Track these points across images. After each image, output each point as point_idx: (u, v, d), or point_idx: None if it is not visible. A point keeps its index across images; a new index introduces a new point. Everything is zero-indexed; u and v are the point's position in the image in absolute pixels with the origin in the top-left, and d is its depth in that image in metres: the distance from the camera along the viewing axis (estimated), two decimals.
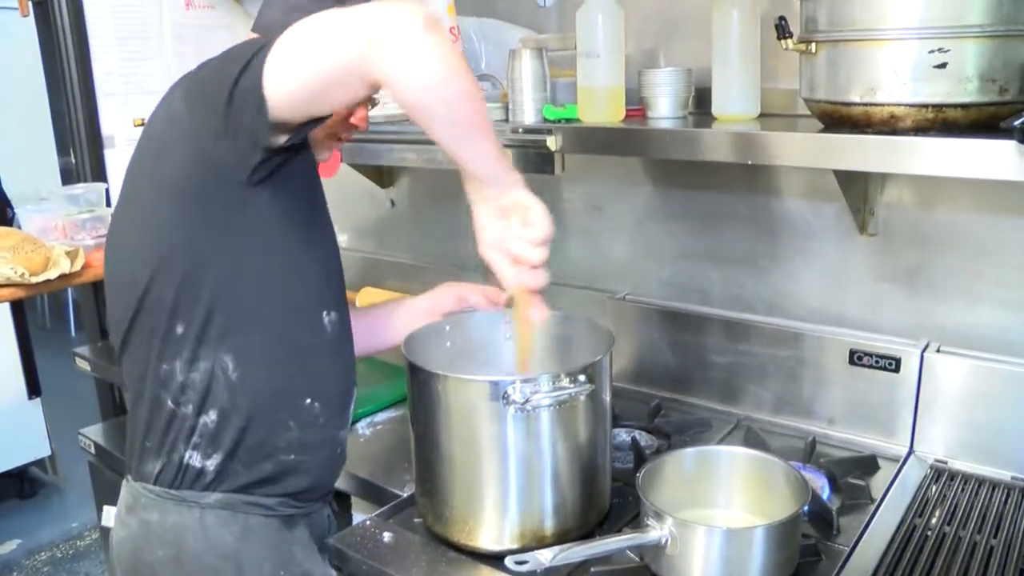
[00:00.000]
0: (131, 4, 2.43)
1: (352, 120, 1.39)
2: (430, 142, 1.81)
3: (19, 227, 2.29)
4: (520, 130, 1.67)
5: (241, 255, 1.23)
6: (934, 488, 1.47)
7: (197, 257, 1.22)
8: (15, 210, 3.80)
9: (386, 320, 1.62)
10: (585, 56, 1.60)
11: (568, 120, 1.65)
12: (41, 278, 1.95)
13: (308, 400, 1.32)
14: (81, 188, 2.28)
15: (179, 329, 1.23)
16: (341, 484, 1.69)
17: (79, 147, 2.44)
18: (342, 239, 2.66)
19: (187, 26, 2.54)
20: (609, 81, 1.60)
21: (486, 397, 1.27)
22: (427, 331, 1.49)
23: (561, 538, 1.31)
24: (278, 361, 1.28)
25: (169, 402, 1.26)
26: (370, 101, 1.39)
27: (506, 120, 1.74)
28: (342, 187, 2.43)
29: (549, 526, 1.33)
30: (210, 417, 1.26)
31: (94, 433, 2.30)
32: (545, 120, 1.67)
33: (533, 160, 1.66)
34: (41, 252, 1.97)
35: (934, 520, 1.38)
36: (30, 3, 2.47)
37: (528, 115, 1.69)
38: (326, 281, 1.34)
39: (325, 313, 1.33)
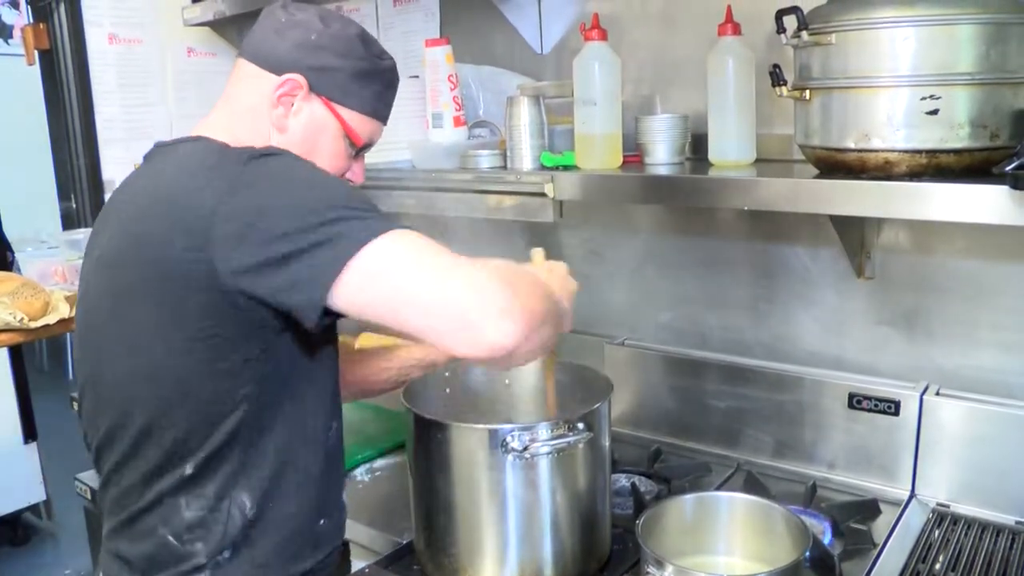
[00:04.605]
0: (135, 52, 2.46)
1: (347, 175, 1.35)
2: (430, 188, 1.85)
3: (19, 271, 2.29)
4: (518, 177, 1.67)
5: (264, 395, 1.15)
6: (937, 532, 1.46)
7: (212, 404, 1.13)
8: (15, 254, 3.81)
9: (381, 364, 1.57)
10: (582, 103, 1.61)
11: (566, 167, 1.65)
12: (40, 323, 1.95)
13: (322, 521, 1.27)
14: (82, 233, 2.29)
15: (188, 470, 1.15)
16: None
17: (80, 191, 2.46)
18: None
19: (189, 72, 2.57)
20: (606, 128, 1.61)
21: (485, 445, 1.27)
22: (426, 379, 1.49)
23: None
24: (296, 488, 1.21)
25: (170, 538, 1.17)
26: (364, 155, 1.36)
27: (504, 167, 1.75)
28: None
29: (549, 574, 1.32)
30: (223, 556, 1.17)
31: (90, 478, 2.28)
32: (543, 167, 1.67)
33: (531, 207, 1.66)
34: (40, 297, 1.97)
35: (938, 566, 1.37)
36: (36, 52, 2.51)
37: (526, 162, 1.69)
38: (333, 392, 1.27)
39: (333, 424, 1.28)
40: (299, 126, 1.25)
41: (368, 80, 1.27)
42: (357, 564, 1.67)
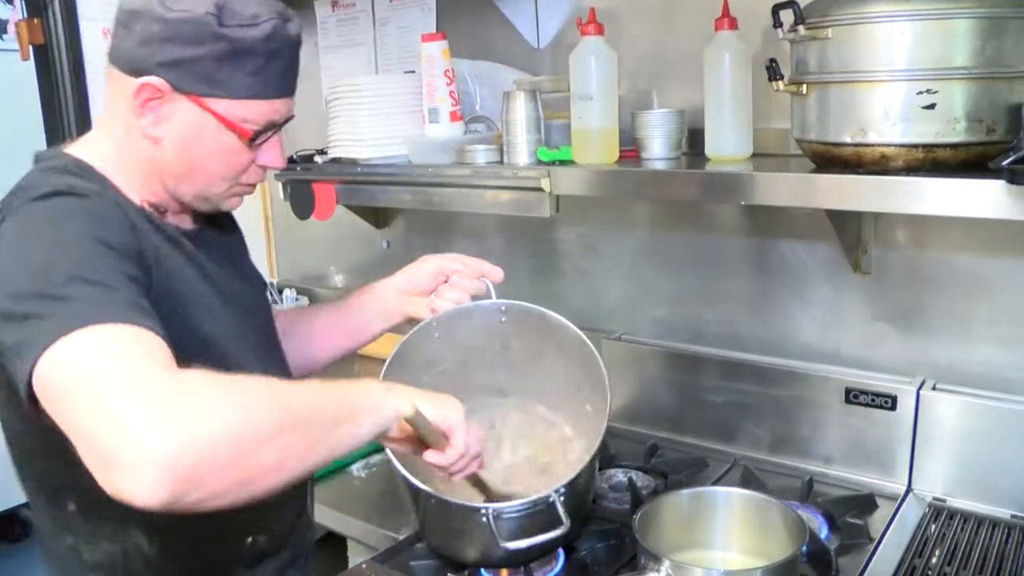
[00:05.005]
0: None
1: (254, 169, 1.18)
2: (426, 183, 1.85)
3: None
4: (515, 172, 1.67)
5: None
6: (933, 527, 1.46)
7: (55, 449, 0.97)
8: None
9: (361, 312, 1.45)
10: (579, 98, 1.61)
11: (562, 162, 1.65)
12: None
13: (251, 539, 1.18)
14: None
15: (71, 506, 1.06)
16: (337, 527, 1.69)
17: None
18: (337, 279, 2.67)
19: None
20: (603, 123, 1.61)
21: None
22: (417, 358, 1.41)
23: None
24: (194, 516, 1.10)
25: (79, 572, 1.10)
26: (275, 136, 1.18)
27: (500, 162, 1.75)
28: (337, 228, 2.46)
29: None
30: None
31: None
32: (539, 162, 1.67)
33: (527, 202, 1.67)
34: None
35: (934, 560, 1.37)
36: (31, 47, 2.50)
37: (522, 157, 1.69)
38: None
39: None
40: (173, 134, 1.10)
41: (237, 60, 1.08)
42: (354, 559, 1.67)
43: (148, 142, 1.10)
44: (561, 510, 1.25)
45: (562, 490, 1.26)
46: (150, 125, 1.09)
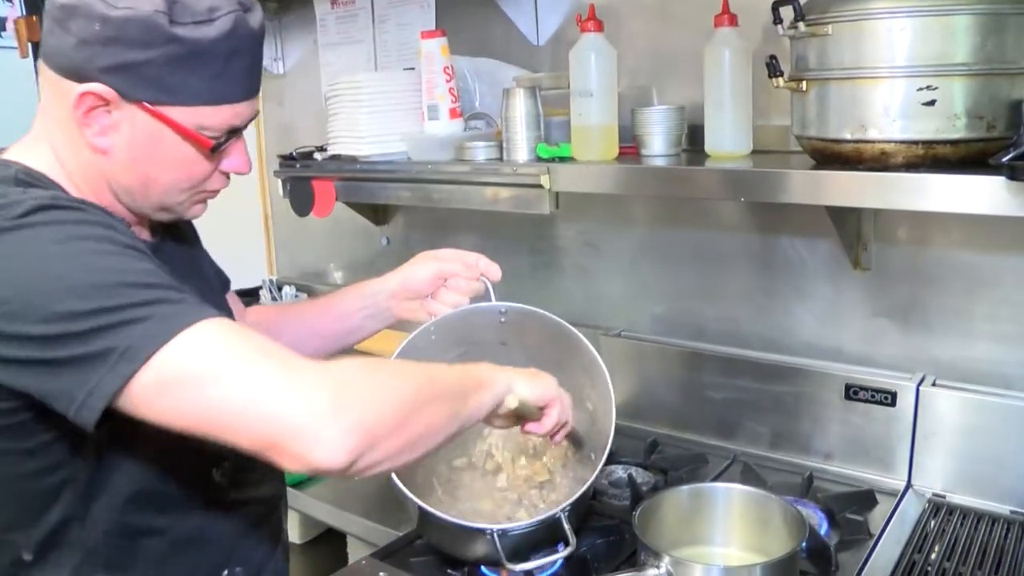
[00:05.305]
0: None
1: (216, 176, 1.09)
2: (425, 180, 1.85)
3: None
4: (514, 169, 1.67)
5: (77, 480, 0.97)
6: (933, 522, 1.46)
7: (24, 494, 0.97)
8: None
9: (350, 318, 1.39)
10: (578, 95, 1.61)
11: (562, 158, 1.65)
12: None
13: (227, 572, 1.12)
14: None
15: (26, 556, 0.98)
16: (337, 523, 1.69)
17: None
18: (337, 276, 2.66)
19: None
20: (602, 119, 1.61)
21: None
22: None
23: None
24: (165, 557, 1.05)
25: None
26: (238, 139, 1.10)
27: (500, 159, 1.75)
28: (337, 225, 2.46)
29: None
30: None
31: None
32: (539, 159, 1.67)
33: (527, 199, 1.66)
34: None
35: (934, 555, 1.37)
36: (29, 44, 2.49)
37: (522, 153, 1.69)
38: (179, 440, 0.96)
39: (215, 470, 1.09)
40: (123, 145, 0.99)
41: (194, 63, 0.97)
42: (354, 556, 1.67)
43: (95, 153, 1.00)
44: (567, 527, 1.25)
45: (568, 508, 1.26)
46: (96, 135, 0.98)
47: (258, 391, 0.84)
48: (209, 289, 1.22)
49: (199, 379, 0.84)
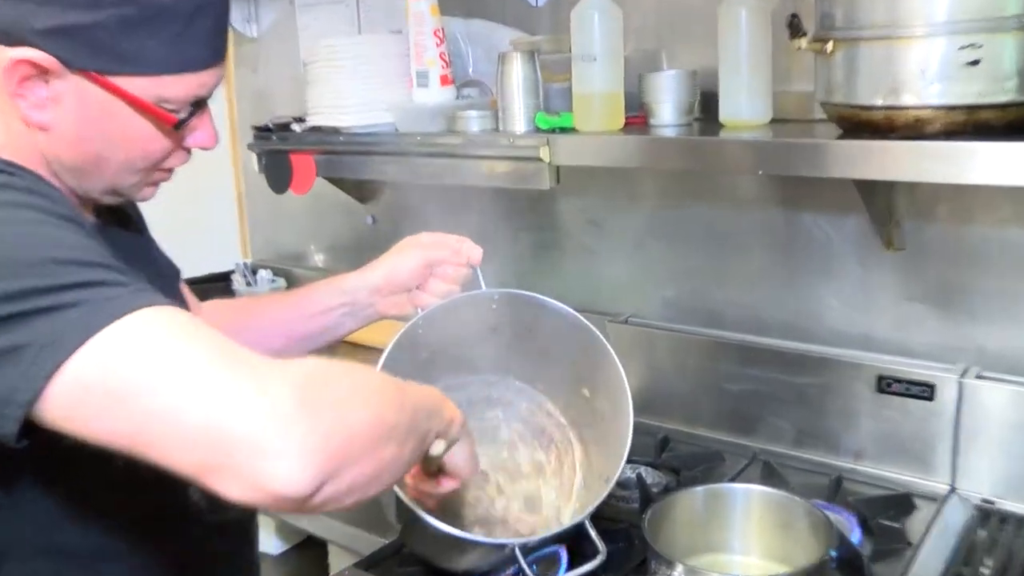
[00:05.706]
0: None
1: (165, 166, 1.04)
2: (414, 153, 1.83)
3: None
4: (511, 140, 1.67)
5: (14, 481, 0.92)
6: (981, 532, 1.44)
7: None
8: None
9: (324, 316, 1.34)
10: (581, 59, 1.60)
11: (563, 129, 1.65)
12: None
13: None
14: None
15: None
16: (317, 530, 1.68)
17: None
18: (318, 259, 2.65)
19: None
20: (607, 86, 1.61)
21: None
22: (404, 367, 1.39)
23: None
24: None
25: None
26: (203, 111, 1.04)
27: (496, 129, 1.75)
28: (318, 202, 2.46)
29: None
30: None
31: None
32: (538, 129, 1.67)
33: (525, 173, 1.66)
34: None
35: (986, 571, 1.33)
36: None
37: (519, 124, 1.69)
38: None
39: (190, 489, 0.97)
40: (67, 120, 0.93)
41: (149, 24, 0.91)
42: (336, 565, 1.67)
43: (31, 129, 0.93)
44: (594, 534, 1.22)
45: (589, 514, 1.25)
46: (32, 108, 0.92)
47: (203, 395, 0.73)
48: (159, 276, 1.14)
49: (131, 381, 0.73)
